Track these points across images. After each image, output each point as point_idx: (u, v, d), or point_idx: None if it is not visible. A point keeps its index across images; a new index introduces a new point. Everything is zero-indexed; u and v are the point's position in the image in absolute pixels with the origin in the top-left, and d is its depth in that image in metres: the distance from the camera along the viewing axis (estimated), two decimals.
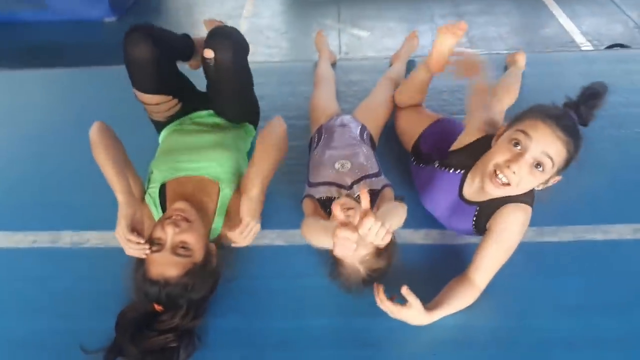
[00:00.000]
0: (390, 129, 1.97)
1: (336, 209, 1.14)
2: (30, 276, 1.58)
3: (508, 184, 1.27)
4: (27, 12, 3.75)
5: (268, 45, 3.22)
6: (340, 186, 1.58)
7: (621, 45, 2.61)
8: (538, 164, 1.24)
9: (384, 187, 1.58)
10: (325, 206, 1.56)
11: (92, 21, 3.75)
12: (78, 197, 1.81)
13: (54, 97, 2.45)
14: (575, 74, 2.32)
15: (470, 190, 1.46)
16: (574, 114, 1.31)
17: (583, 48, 3.05)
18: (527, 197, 1.38)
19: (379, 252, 1.33)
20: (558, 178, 1.31)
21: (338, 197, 1.53)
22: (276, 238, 1.63)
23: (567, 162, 1.27)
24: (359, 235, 1.14)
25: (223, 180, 1.56)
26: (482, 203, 1.43)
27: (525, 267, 1.53)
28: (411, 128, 1.85)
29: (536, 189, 1.35)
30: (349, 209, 1.38)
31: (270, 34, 3.38)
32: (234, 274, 1.52)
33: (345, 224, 1.13)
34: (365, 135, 1.79)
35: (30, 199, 1.84)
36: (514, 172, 1.24)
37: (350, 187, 1.58)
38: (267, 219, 1.63)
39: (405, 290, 1.28)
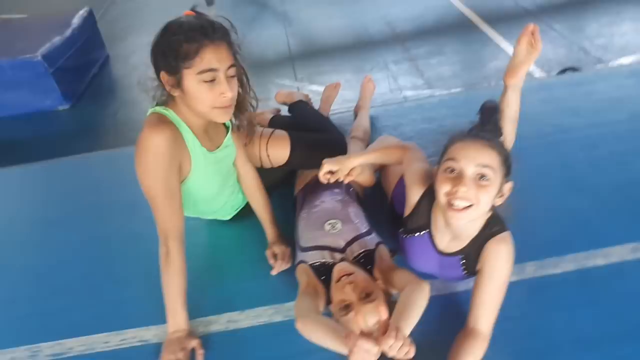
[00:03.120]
0: None
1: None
2: None
3: (470, 205, 1.25)
4: None
5: None
6: (333, 250, 1.51)
7: (573, 69, 2.70)
8: (481, 176, 1.25)
9: (377, 245, 1.53)
10: (319, 272, 1.48)
11: (45, 112, 3.67)
12: (52, 303, 1.68)
13: (11, 196, 2.34)
14: (537, 101, 2.37)
15: (444, 243, 1.43)
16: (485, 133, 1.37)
17: (536, 75, 3.15)
18: (498, 224, 1.36)
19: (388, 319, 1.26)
20: (509, 185, 1.31)
21: (333, 263, 1.47)
22: (274, 314, 1.53)
23: (507, 163, 1.29)
24: (378, 350, 1.11)
25: None
26: (463, 250, 1.40)
27: (532, 305, 1.48)
28: (387, 186, 1.82)
29: (495, 204, 1.32)
30: (349, 274, 1.32)
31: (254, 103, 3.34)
32: None
33: (365, 335, 1.11)
34: (351, 191, 1.74)
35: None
36: (465, 191, 1.23)
37: (344, 249, 1.51)
38: (263, 297, 1.54)
39: None
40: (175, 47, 1.30)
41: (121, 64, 4.29)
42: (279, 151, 1.81)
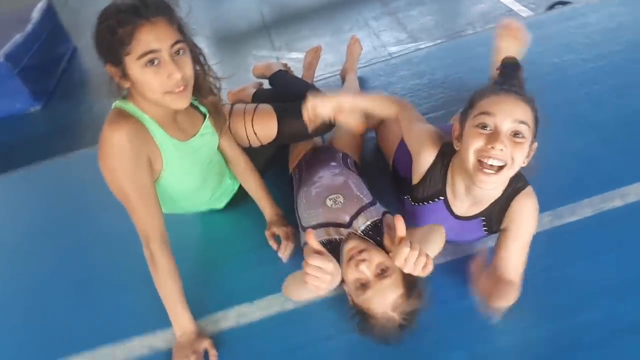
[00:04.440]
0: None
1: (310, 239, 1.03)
2: None
3: (503, 166, 1.16)
4: None
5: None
6: (338, 225, 1.42)
7: (562, 3, 2.57)
8: (516, 133, 1.15)
9: (384, 214, 1.44)
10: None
11: (16, 115, 3.50)
12: (49, 318, 1.60)
13: None
14: (530, 41, 2.26)
15: (463, 208, 1.34)
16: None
17: (522, 14, 3.02)
18: (521, 179, 1.28)
19: (408, 292, 1.18)
20: (535, 145, 1.21)
21: (340, 239, 1.38)
22: (285, 302, 1.45)
23: (536, 121, 1.19)
24: (334, 265, 1.03)
25: None
26: (485, 211, 1.32)
27: (552, 257, 1.41)
28: (387, 148, 1.72)
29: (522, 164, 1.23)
30: (361, 251, 1.23)
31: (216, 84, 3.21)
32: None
33: (317, 252, 1.01)
34: (349, 162, 1.64)
35: None
36: (501, 150, 1.13)
37: (350, 223, 1.42)
38: (271, 285, 1.46)
39: None
40: (110, 35, 1.16)
41: (90, 55, 4.01)
42: (266, 126, 1.69)
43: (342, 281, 1.28)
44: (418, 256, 1.02)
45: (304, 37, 3.52)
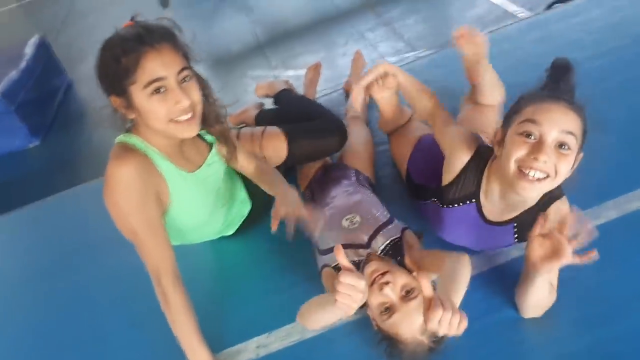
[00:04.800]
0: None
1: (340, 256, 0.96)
2: None
3: (546, 177, 1.10)
4: None
5: None
6: (357, 247, 1.36)
7: (561, 1, 2.54)
8: (562, 145, 1.08)
9: (403, 231, 1.38)
10: None
11: (16, 152, 3.45)
12: None
13: None
14: (533, 42, 2.22)
15: (495, 213, 1.28)
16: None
17: (519, 15, 2.99)
18: (558, 187, 1.21)
19: None
20: (580, 155, 1.15)
21: (359, 261, 1.32)
22: (305, 330, 1.38)
23: (584, 132, 1.13)
24: (365, 283, 0.97)
25: None
26: (518, 218, 1.26)
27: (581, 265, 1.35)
28: (400, 155, 1.67)
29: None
30: (384, 273, 1.17)
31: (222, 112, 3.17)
32: None
33: (348, 269, 0.96)
34: (361, 179, 1.59)
35: None
36: (545, 162, 1.08)
37: (368, 244, 1.36)
38: (289, 313, 1.39)
39: None
40: (114, 65, 1.12)
41: (86, 86, 4.05)
42: (275, 149, 1.64)
43: (365, 304, 1.22)
44: (452, 315, 0.95)
45: (299, 54, 3.48)
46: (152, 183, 1.25)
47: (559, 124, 1.08)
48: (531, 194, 1.14)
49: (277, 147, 1.62)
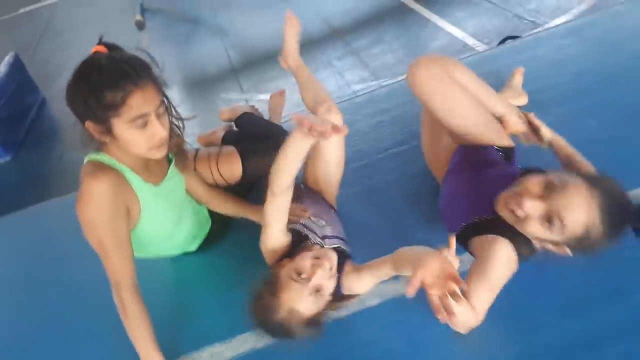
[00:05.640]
0: None
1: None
2: None
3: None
4: None
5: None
6: (314, 233, 1.47)
7: (512, 37, 2.73)
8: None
9: (345, 257, 1.47)
10: (296, 237, 1.44)
11: None
12: None
13: None
14: (481, 75, 2.37)
15: None
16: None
17: (477, 48, 3.18)
18: None
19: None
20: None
21: (305, 235, 1.45)
22: (259, 339, 1.46)
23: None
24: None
25: None
26: None
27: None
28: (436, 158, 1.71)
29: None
30: (327, 260, 1.30)
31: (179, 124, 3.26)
32: None
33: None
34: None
35: None
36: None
37: (322, 239, 1.47)
38: (242, 322, 1.47)
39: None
40: (98, 97, 1.20)
41: (59, 104, 4.10)
42: (230, 168, 1.75)
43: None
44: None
45: (272, 78, 3.62)
46: (123, 199, 1.34)
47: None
48: None
49: (231, 165, 1.73)
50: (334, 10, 4.32)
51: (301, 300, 1.25)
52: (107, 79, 1.19)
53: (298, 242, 1.42)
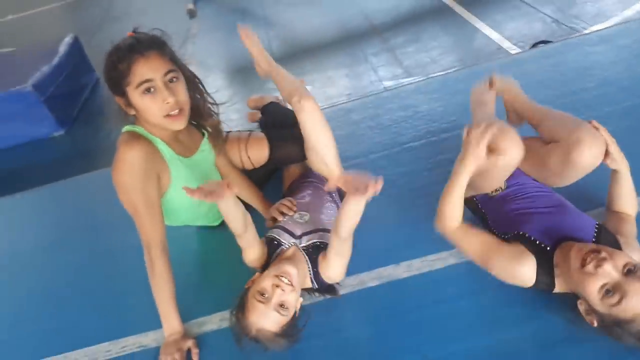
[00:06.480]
0: None
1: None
2: None
3: None
4: None
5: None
6: (290, 233, 1.60)
7: (544, 42, 2.75)
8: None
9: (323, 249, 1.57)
10: (270, 246, 1.58)
11: (41, 139, 3.77)
12: (57, 319, 1.80)
13: (14, 223, 2.45)
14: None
15: None
16: None
17: (511, 52, 3.20)
18: None
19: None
20: None
21: (279, 243, 1.58)
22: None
23: None
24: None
25: None
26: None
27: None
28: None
29: None
30: (288, 278, 1.41)
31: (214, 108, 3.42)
32: None
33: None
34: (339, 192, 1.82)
35: (7, 334, 1.81)
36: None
37: (299, 237, 1.60)
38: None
39: None
40: (113, 70, 1.41)
41: None
42: (258, 152, 1.89)
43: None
44: None
45: (308, 71, 3.74)
46: (154, 166, 1.51)
47: None
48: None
49: (259, 149, 1.87)
50: (375, 7, 4.42)
51: (267, 319, 1.37)
52: (120, 54, 1.40)
53: (273, 250, 1.56)
